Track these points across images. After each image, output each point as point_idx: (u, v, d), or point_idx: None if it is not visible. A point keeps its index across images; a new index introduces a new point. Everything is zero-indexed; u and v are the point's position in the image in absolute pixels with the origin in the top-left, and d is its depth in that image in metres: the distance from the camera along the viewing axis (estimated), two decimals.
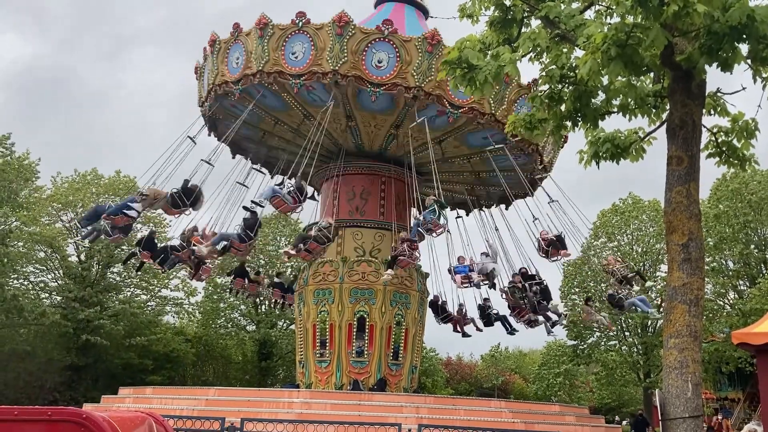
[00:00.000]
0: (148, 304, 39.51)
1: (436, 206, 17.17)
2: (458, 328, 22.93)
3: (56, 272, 37.75)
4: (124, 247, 34.36)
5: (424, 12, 23.83)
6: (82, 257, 37.64)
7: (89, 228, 17.77)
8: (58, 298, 36.67)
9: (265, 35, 19.09)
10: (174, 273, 38.67)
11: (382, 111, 20.18)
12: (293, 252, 18.09)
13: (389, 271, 18.28)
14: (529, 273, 20.74)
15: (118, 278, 38.38)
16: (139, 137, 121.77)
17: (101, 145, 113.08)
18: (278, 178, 24.36)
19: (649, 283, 20.43)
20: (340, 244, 21.91)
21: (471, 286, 18.97)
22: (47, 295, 37.53)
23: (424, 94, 18.98)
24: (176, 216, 18.00)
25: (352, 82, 18.79)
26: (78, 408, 5.04)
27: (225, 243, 17.66)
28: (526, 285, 20.27)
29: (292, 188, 17.26)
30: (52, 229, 36.47)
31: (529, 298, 20.22)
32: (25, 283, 36.88)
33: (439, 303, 22.57)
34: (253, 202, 17.64)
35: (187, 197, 17.20)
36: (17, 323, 32.60)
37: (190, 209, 17.58)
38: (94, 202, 37.79)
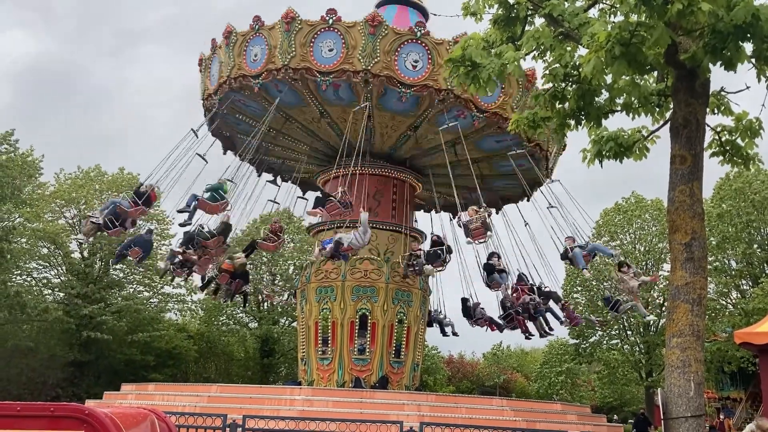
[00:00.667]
0: (151, 300, 39.58)
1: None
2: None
3: (59, 268, 37.84)
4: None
5: (425, 14, 23.86)
6: (85, 254, 37.71)
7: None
8: (61, 294, 36.75)
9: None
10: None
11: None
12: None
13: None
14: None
15: (120, 275, 38.45)
16: (144, 134, 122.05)
17: (106, 141, 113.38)
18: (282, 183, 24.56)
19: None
20: None
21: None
22: (50, 291, 37.62)
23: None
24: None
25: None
26: (80, 404, 5.05)
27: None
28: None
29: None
30: (55, 225, 36.55)
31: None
32: (28, 279, 36.97)
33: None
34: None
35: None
36: (20, 319, 32.67)
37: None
38: (97, 199, 37.92)
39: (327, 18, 18.84)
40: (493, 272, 19.24)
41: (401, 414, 15.64)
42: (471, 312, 22.32)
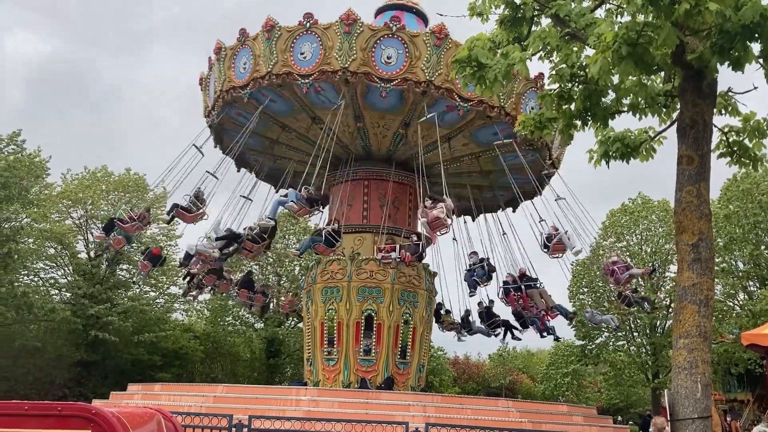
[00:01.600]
0: (157, 301, 39.68)
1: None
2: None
3: (66, 269, 37.96)
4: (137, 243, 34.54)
5: (424, 19, 23.90)
6: (92, 254, 37.85)
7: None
8: (68, 294, 36.87)
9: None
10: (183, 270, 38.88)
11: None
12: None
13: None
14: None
15: (127, 275, 38.56)
16: (152, 133, 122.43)
17: (113, 141, 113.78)
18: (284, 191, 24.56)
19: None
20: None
21: None
22: (57, 291, 37.76)
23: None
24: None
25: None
26: (87, 404, 5.07)
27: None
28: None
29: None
30: (62, 226, 36.67)
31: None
32: (35, 279, 37.10)
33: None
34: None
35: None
36: (27, 319, 32.80)
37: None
38: (104, 200, 38.08)
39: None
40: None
41: (407, 415, 15.63)
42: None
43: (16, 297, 30.28)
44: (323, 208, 18.36)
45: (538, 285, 21.08)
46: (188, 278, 21.12)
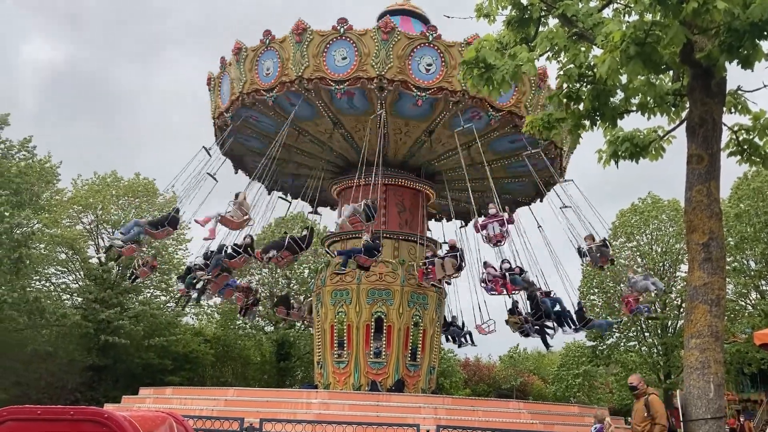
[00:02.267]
0: (168, 305, 39.81)
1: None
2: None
3: (77, 274, 38.16)
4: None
5: (426, 23, 23.93)
6: (102, 258, 38.04)
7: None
8: (79, 299, 37.07)
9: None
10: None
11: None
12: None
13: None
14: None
15: (137, 279, 38.67)
16: (166, 138, 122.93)
17: (128, 145, 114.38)
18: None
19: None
20: None
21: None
22: (68, 296, 37.98)
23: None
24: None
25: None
26: (99, 408, 5.09)
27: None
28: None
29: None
30: (72, 231, 36.89)
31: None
32: (47, 284, 37.34)
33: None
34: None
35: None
36: (39, 324, 32.98)
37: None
38: (114, 205, 38.29)
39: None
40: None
41: (418, 417, 15.62)
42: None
43: (28, 302, 30.46)
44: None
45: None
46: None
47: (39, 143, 67.85)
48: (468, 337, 24.20)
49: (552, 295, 20.71)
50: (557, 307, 20.60)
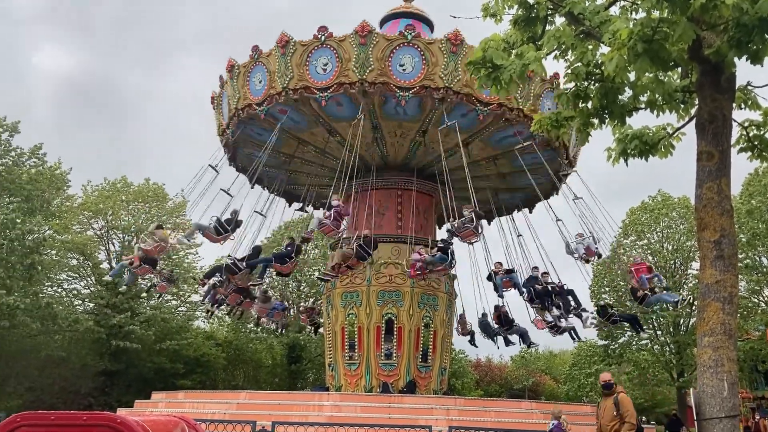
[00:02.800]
0: (179, 309, 39.95)
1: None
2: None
3: (88, 279, 38.37)
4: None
5: (430, 26, 23.94)
6: (114, 264, 38.19)
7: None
8: (91, 304, 37.26)
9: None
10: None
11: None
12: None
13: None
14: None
15: (148, 284, 38.82)
16: (176, 144, 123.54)
17: (139, 151, 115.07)
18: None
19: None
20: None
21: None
22: (80, 302, 38.17)
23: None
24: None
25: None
26: (112, 413, 5.11)
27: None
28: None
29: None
30: (83, 237, 37.09)
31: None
32: (59, 290, 37.55)
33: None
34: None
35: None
36: (52, 330, 33.17)
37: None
38: (124, 210, 38.46)
39: (319, 35, 19.07)
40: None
41: (430, 419, 15.60)
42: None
43: (40, 308, 30.65)
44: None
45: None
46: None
47: (51, 149, 68.57)
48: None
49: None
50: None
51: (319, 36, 19.07)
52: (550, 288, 19.64)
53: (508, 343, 22.53)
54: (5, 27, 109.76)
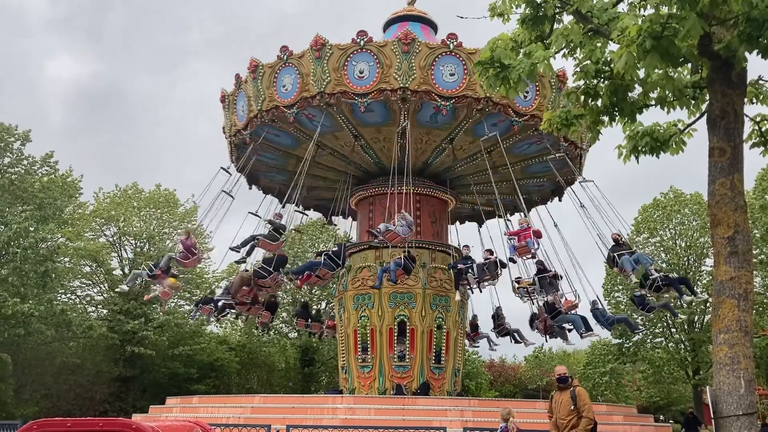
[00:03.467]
0: (192, 314, 40.06)
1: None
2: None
3: (101, 286, 38.61)
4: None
5: (434, 27, 23.92)
6: (126, 270, 38.41)
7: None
8: (104, 311, 37.50)
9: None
10: (217, 284, 39.40)
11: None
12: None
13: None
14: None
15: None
16: (188, 150, 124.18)
17: (151, 158, 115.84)
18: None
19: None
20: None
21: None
22: (94, 308, 38.43)
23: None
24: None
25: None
26: (128, 418, 5.14)
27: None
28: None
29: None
30: (96, 243, 37.33)
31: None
32: (73, 297, 37.82)
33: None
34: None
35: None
36: (66, 337, 33.42)
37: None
38: (136, 216, 38.68)
39: (358, 40, 18.95)
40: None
41: (444, 420, 15.58)
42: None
43: (55, 315, 30.89)
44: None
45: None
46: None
47: (64, 157, 69.15)
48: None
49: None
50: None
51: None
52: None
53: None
54: (21, 38, 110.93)
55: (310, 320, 24.64)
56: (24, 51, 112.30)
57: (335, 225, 28.75)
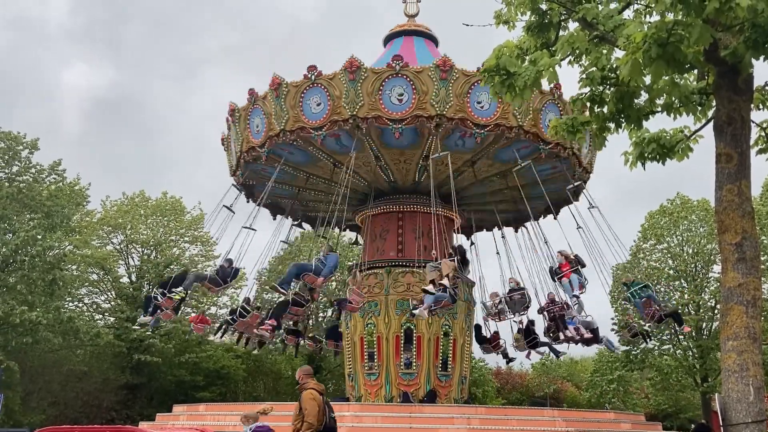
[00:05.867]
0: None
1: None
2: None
3: (109, 293, 38.73)
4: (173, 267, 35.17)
5: (434, 41, 23.95)
6: (133, 278, 38.55)
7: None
8: (111, 318, 37.59)
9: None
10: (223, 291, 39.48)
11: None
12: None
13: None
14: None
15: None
16: (205, 156, 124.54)
17: (166, 166, 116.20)
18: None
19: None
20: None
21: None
22: (101, 316, 38.52)
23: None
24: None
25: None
26: (135, 426, 5.15)
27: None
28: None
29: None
30: (103, 251, 37.47)
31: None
32: (80, 305, 37.92)
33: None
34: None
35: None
36: (74, 344, 33.48)
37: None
38: (143, 224, 38.84)
39: (309, 75, 19.02)
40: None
41: (451, 428, 15.55)
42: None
43: (62, 323, 30.94)
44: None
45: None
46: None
47: (80, 165, 69.56)
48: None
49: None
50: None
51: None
52: None
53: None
54: (39, 47, 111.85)
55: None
56: (42, 60, 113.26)
57: (325, 237, 28.85)
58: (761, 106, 7.93)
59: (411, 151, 20.28)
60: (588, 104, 7.72)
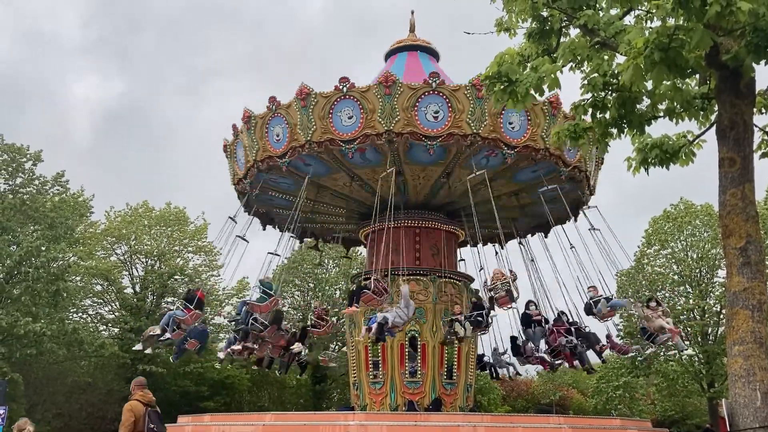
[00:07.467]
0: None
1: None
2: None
3: (113, 304, 38.74)
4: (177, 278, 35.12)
5: (435, 55, 23.95)
6: (137, 288, 38.56)
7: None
8: (116, 329, 37.58)
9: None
10: (227, 301, 39.47)
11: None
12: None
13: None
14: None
15: (172, 308, 39.11)
16: (214, 167, 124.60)
17: (176, 175, 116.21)
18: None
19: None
20: None
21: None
22: (105, 327, 38.52)
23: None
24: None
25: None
26: None
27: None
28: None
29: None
30: (107, 262, 37.51)
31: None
32: (84, 316, 37.94)
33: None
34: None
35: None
36: (78, 356, 33.48)
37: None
38: (147, 235, 38.88)
39: (341, 87, 18.72)
40: (529, 324, 19.16)
41: None
42: (522, 350, 21.77)
43: (66, 334, 30.96)
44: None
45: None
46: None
47: (87, 176, 69.70)
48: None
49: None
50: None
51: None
52: None
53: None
54: (51, 60, 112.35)
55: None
56: (54, 73, 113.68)
57: (351, 258, 29.11)
58: (763, 110, 7.94)
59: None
60: (590, 110, 7.73)
